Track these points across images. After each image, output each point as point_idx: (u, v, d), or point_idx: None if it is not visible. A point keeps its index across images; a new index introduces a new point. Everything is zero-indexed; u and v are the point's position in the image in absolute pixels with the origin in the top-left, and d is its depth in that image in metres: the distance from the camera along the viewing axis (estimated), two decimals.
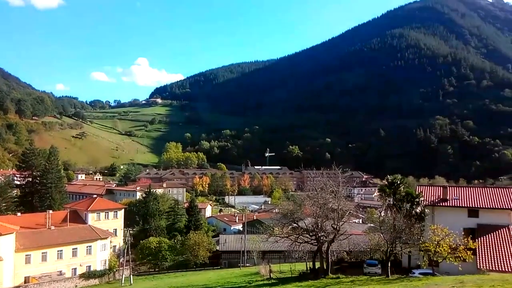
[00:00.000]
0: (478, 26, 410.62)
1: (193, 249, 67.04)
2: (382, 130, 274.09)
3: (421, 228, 37.72)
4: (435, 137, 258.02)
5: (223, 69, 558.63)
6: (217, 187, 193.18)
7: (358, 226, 77.49)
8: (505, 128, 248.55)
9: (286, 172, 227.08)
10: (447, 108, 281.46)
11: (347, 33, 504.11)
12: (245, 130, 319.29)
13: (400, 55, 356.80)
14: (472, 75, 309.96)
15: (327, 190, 37.85)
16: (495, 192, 42.06)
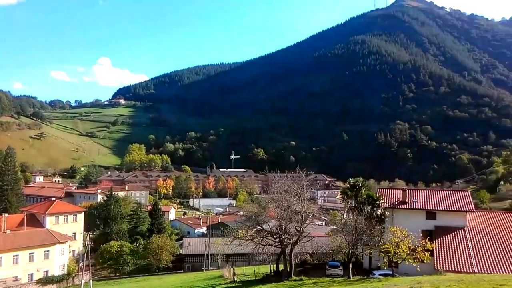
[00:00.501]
0: (437, 35, 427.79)
1: (156, 253, 65.90)
2: (345, 134, 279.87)
3: (381, 230, 38.67)
4: (395, 141, 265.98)
5: (189, 70, 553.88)
6: (182, 190, 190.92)
7: (321, 228, 78.73)
8: (461, 133, 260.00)
9: (251, 175, 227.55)
10: (406, 113, 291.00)
11: (312, 38, 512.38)
12: (210, 132, 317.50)
13: (363, 61, 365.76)
14: (431, 81, 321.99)
15: (291, 193, 38.19)
16: (452, 195, 43.78)
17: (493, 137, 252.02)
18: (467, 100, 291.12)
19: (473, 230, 38.45)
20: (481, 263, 33.48)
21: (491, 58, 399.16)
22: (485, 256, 34.46)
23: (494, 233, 37.91)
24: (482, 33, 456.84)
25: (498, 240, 36.76)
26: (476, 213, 42.22)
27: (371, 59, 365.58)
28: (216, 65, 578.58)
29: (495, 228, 38.86)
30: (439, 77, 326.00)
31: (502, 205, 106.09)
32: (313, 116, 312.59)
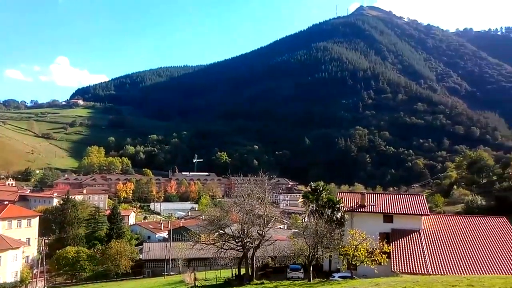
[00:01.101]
0: (395, 44, 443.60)
1: (115, 259, 64.17)
2: (307, 139, 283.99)
3: (341, 233, 39.43)
4: (355, 146, 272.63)
5: (151, 72, 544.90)
6: (142, 194, 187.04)
7: (283, 231, 79.24)
8: (417, 139, 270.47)
9: (214, 179, 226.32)
10: (366, 119, 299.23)
11: (276, 43, 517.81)
12: (173, 135, 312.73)
13: (325, 68, 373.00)
14: (389, 89, 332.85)
15: (254, 197, 38.31)
16: (408, 198, 45.37)
17: (447, 143, 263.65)
18: (423, 107, 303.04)
19: (428, 233, 39.96)
20: (435, 265, 34.82)
21: (446, 68, 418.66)
22: (439, 257, 35.88)
23: (447, 236, 39.58)
24: (438, 43, 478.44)
25: (451, 242, 38.41)
26: (431, 217, 43.92)
27: (333, 65, 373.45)
28: (179, 67, 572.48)
29: (448, 231, 40.58)
30: (397, 85, 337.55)
31: (455, 209, 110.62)
32: (277, 120, 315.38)
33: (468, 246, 37.59)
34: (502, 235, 39.64)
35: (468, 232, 40.33)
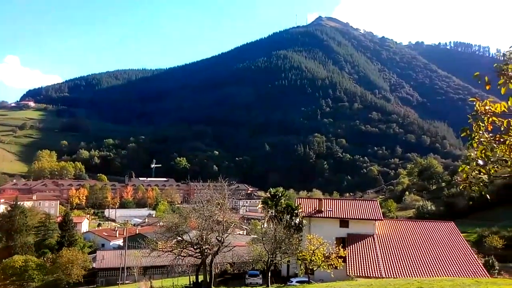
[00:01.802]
0: (351, 54, 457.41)
1: (66, 268, 61.72)
2: (267, 145, 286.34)
3: (299, 238, 40.10)
4: (313, 153, 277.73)
5: (108, 74, 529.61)
6: (97, 200, 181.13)
7: (242, 237, 79.28)
8: (372, 146, 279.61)
9: (172, 184, 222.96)
10: (324, 127, 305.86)
11: (236, 50, 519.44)
12: (130, 139, 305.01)
13: (284, 75, 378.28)
14: (346, 98, 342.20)
15: (213, 203, 38.23)
16: (363, 204, 46.90)
17: (399, 151, 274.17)
18: (377, 116, 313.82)
19: (381, 237, 41.45)
20: (388, 268, 36.16)
21: (399, 78, 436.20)
22: (391, 261, 37.30)
23: (399, 240, 41.22)
24: (391, 55, 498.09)
25: (403, 246, 40.04)
26: (384, 221, 45.62)
27: (293, 73, 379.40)
28: (138, 70, 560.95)
29: (400, 235, 42.27)
30: (353, 94, 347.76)
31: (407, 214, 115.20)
32: (237, 126, 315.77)
33: (418, 250, 39.34)
34: (450, 239, 41.77)
35: (419, 236, 42.22)
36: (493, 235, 68.88)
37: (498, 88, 6.85)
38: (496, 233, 70.58)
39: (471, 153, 7.33)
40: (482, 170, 7.14)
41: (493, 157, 7.12)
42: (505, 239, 67.19)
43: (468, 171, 7.30)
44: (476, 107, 7.08)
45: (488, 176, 7.34)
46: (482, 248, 62.79)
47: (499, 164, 7.26)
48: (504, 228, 72.74)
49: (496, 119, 6.93)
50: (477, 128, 6.99)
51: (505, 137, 6.92)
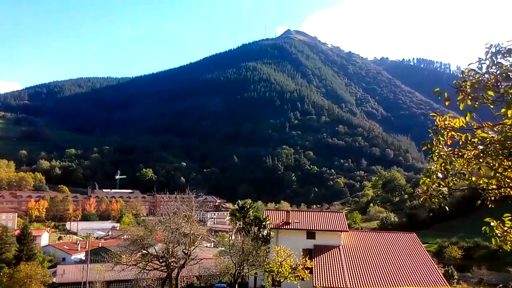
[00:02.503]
0: (319, 68, 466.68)
1: (24, 283, 58.86)
2: (235, 157, 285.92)
3: (266, 250, 40.11)
4: (282, 165, 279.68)
5: (71, 82, 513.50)
6: (57, 212, 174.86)
7: (210, 250, 78.47)
8: (338, 159, 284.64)
9: (138, 196, 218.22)
10: (292, 139, 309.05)
11: (205, 60, 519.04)
12: (93, 149, 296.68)
13: (253, 87, 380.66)
14: (314, 111, 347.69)
15: (180, 215, 37.74)
16: (329, 216, 47.56)
17: (364, 163, 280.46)
18: (344, 129, 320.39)
19: (347, 248, 42.09)
20: (353, 279, 36.71)
21: (365, 93, 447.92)
22: (356, 272, 37.91)
23: (364, 251, 42.00)
24: (358, 70, 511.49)
25: (367, 257, 40.80)
26: (350, 233, 46.40)
27: (261, 85, 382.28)
28: (103, 78, 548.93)
29: (365, 246, 43.08)
30: (321, 107, 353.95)
31: (371, 225, 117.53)
32: (206, 137, 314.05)
33: (382, 261, 40.23)
34: (412, 249, 42.95)
35: (383, 247, 43.17)
36: (452, 245, 71.26)
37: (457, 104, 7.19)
38: (455, 243, 73.07)
39: (431, 166, 7.64)
40: (442, 183, 7.45)
41: (452, 170, 7.44)
42: (463, 250, 69.71)
43: (428, 184, 7.60)
44: (436, 122, 7.40)
45: (448, 188, 7.67)
46: (442, 258, 64.96)
47: (457, 177, 7.60)
48: (463, 239, 75.39)
49: (455, 134, 7.26)
50: (437, 142, 7.30)
51: (463, 151, 7.26)
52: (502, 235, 7.42)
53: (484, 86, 6.72)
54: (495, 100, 6.70)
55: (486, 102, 6.73)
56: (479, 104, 6.82)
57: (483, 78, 6.78)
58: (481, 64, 6.88)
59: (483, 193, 7.78)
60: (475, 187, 7.86)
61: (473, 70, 6.98)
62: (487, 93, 6.71)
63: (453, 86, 7.03)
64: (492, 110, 6.91)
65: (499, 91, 6.61)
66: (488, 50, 6.79)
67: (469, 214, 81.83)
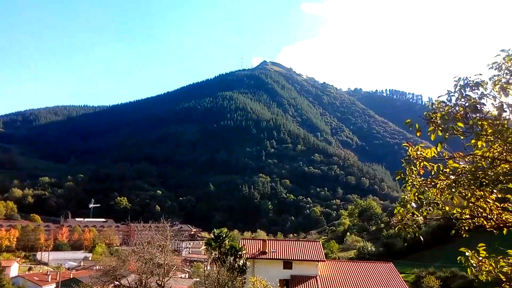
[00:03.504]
0: (295, 98, 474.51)
1: None
2: (212, 185, 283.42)
3: (242, 280, 39.34)
4: (258, 193, 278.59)
5: (46, 110, 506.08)
6: (28, 242, 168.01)
7: (184, 281, 76.32)
8: (315, 187, 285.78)
9: (111, 225, 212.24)
10: (268, 167, 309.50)
11: (182, 89, 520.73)
12: (67, 178, 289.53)
13: (230, 116, 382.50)
14: (290, 139, 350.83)
15: (154, 244, 36.88)
16: (306, 245, 47.27)
17: (341, 192, 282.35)
18: (319, 158, 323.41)
19: (324, 278, 41.71)
20: None
21: (339, 122, 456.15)
22: None
23: (341, 281, 41.70)
24: (332, 100, 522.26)
25: (344, 287, 40.48)
26: (327, 262, 46.09)
27: (238, 114, 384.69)
28: (79, 106, 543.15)
29: (342, 276, 42.81)
30: (297, 136, 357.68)
31: (349, 255, 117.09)
32: (182, 165, 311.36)
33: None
34: (389, 279, 42.91)
35: (360, 277, 43.00)
36: (429, 275, 71.21)
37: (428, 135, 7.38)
38: (432, 273, 73.11)
39: (405, 196, 7.75)
40: (416, 212, 7.55)
41: (426, 200, 7.56)
42: (441, 280, 69.72)
43: (402, 213, 7.68)
44: (409, 152, 7.56)
45: (424, 218, 7.77)
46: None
47: (431, 206, 7.72)
48: (440, 268, 75.63)
49: (427, 164, 7.42)
50: (410, 172, 7.44)
51: (436, 181, 7.41)
52: (477, 265, 7.49)
53: (453, 118, 6.93)
54: (465, 131, 6.91)
55: (456, 133, 6.94)
56: (450, 135, 7.02)
57: (452, 110, 7.01)
58: (451, 96, 7.13)
59: (457, 222, 7.90)
60: (449, 216, 7.98)
61: (443, 102, 7.20)
62: (457, 125, 6.92)
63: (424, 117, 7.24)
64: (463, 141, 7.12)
65: (468, 122, 6.83)
66: (456, 83, 7.05)
67: (447, 243, 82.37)
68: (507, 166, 6.85)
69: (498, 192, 6.99)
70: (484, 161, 7.07)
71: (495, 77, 6.93)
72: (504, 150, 6.85)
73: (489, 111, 6.83)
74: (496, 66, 6.96)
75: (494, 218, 7.40)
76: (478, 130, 6.77)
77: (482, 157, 7.08)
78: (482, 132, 6.76)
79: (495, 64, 6.97)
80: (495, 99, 6.82)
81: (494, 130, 6.61)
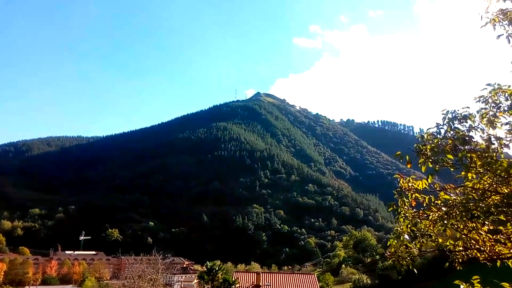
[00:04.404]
0: (288, 129, 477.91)
1: None
2: (205, 216, 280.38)
3: None
4: (252, 224, 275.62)
5: (39, 141, 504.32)
6: (16, 276, 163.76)
7: None
8: (309, 218, 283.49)
9: (102, 258, 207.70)
10: (262, 198, 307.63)
11: (176, 120, 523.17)
12: (58, 209, 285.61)
13: (224, 146, 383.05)
14: (284, 170, 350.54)
15: (145, 278, 36.14)
16: (300, 278, 46.49)
17: (335, 223, 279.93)
18: (313, 188, 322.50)
19: None
20: None
21: (333, 153, 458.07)
22: None
23: None
24: (325, 131, 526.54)
25: None
26: None
27: (232, 145, 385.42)
28: (72, 137, 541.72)
29: None
30: (291, 166, 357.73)
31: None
32: (175, 196, 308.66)
33: None
34: None
35: None
36: None
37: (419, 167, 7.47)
38: None
39: (398, 228, 7.76)
40: (409, 244, 7.54)
41: (419, 231, 7.57)
42: None
43: (396, 246, 7.67)
44: (400, 183, 7.63)
45: (418, 250, 7.75)
46: None
47: (425, 238, 7.72)
48: None
49: (419, 196, 7.48)
50: (402, 203, 7.48)
51: (428, 212, 7.45)
52: None
53: (443, 150, 7.05)
54: (454, 163, 7.02)
55: (446, 165, 7.04)
56: (440, 167, 7.11)
57: (441, 142, 7.13)
58: (439, 128, 7.27)
59: (450, 254, 7.87)
60: (443, 248, 7.96)
61: (432, 134, 7.34)
62: (447, 157, 7.03)
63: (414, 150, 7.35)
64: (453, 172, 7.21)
65: (457, 155, 6.94)
66: (445, 116, 7.21)
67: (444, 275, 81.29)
68: (497, 197, 6.92)
69: (490, 224, 7.04)
70: (475, 193, 7.14)
71: (482, 110, 7.10)
72: (494, 182, 6.94)
73: (477, 144, 6.96)
74: (483, 99, 7.15)
75: (487, 250, 7.40)
76: (468, 162, 6.87)
77: (472, 188, 7.16)
78: (471, 164, 6.86)
79: (482, 98, 7.16)
80: (483, 131, 6.97)
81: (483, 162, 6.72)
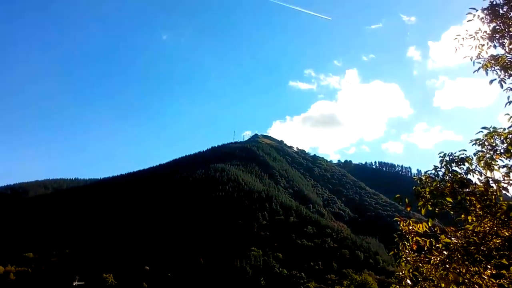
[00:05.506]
0: (287, 170, 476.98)
1: None
2: (201, 260, 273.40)
3: None
4: (250, 268, 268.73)
5: (36, 183, 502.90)
6: None
7: None
8: (308, 261, 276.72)
9: None
10: (260, 240, 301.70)
11: (174, 162, 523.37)
12: (52, 253, 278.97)
13: (222, 187, 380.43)
14: (282, 211, 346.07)
15: None
16: None
17: (335, 266, 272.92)
18: (312, 230, 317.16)
19: None
20: None
21: (331, 194, 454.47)
22: None
23: None
24: (323, 172, 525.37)
25: None
26: None
27: (230, 186, 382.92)
28: (69, 180, 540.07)
29: None
30: (289, 208, 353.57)
31: None
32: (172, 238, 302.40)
33: None
34: None
35: None
36: None
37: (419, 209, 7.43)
38: None
39: (399, 272, 7.62)
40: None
41: (421, 276, 7.44)
42: None
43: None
44: (401, 226, 7.57)
45: None
46: None
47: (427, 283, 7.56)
48: None
49: (420, 239, 7.40)
50: (403, 247, 7.39)
51: (429, 256, 7.34)
52: None
53: (442, 193, 7.05)
54: (454, 206, 7.00)
55: (446, 208, 7.02)
56: (440, 209, 7.09)
57: (440, 185, 7.15)
58: (437, 171, 7.31)
59: None
60: None
61: (430, 177, 7.37)
62: (446, 199, 7.02)
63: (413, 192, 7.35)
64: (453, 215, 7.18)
65: (456, 197, 6.94)
66: (442, 158, 7.27)
67: None
68: (498, 241, 6.86)
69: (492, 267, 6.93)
70: (475, 236, 7.08)
71: (479, 153, 7.17)
72: (494, 224, 6.90)
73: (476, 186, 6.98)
74: (479, 142, 7.24)
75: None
76: (467, 205, 6.86)
77: (473, 232, 7.11)
78: (471, 207, 6.85)
79: (478, 141, 7.26)
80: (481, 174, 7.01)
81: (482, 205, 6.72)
